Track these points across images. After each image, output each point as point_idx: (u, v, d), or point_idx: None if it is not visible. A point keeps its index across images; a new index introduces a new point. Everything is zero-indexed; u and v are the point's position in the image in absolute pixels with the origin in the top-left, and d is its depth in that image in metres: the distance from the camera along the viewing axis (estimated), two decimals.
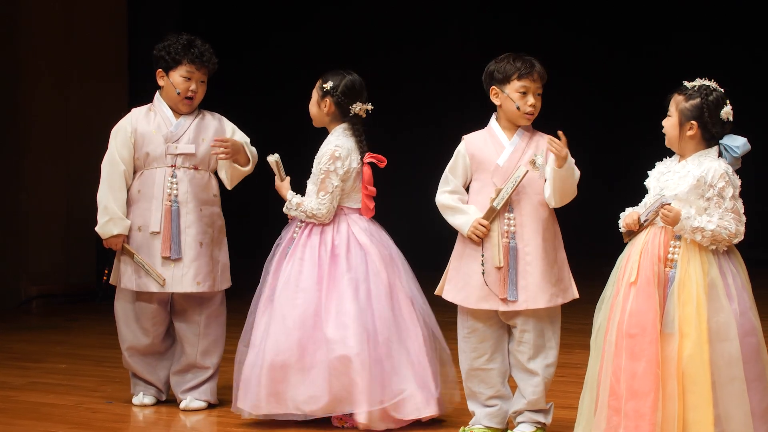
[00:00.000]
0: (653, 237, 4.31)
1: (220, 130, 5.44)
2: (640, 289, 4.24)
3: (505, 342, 4.85)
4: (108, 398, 5.73)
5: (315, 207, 5.07)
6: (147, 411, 5.49)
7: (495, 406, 4.87)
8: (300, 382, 4.96)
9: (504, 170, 4.76)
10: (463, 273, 4.80)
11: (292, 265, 5.06)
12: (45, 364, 6.66)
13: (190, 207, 5.36)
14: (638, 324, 4.21)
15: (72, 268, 9.26)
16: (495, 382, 4.85)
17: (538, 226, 4.74)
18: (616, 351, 4.24)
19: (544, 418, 4.84)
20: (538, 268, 4.71)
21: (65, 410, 5.51)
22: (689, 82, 4.36)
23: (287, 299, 5.02)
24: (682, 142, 4.36)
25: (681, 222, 4.21)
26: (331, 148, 5.09)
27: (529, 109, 4.74)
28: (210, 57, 5.42)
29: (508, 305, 4.72)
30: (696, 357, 4.15)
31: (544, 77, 4.79)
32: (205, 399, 5.48)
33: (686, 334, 4.17)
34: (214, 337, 5.48)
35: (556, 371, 4.83)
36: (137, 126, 5.42)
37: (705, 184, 4.26)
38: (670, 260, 4.26)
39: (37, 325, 8.26)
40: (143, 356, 5.53)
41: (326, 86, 5.14)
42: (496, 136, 4.83)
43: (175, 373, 5.52)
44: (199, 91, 5.42)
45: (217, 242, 5.46)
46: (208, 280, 5.38)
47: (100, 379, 6.17)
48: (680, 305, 4.19)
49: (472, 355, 4.84)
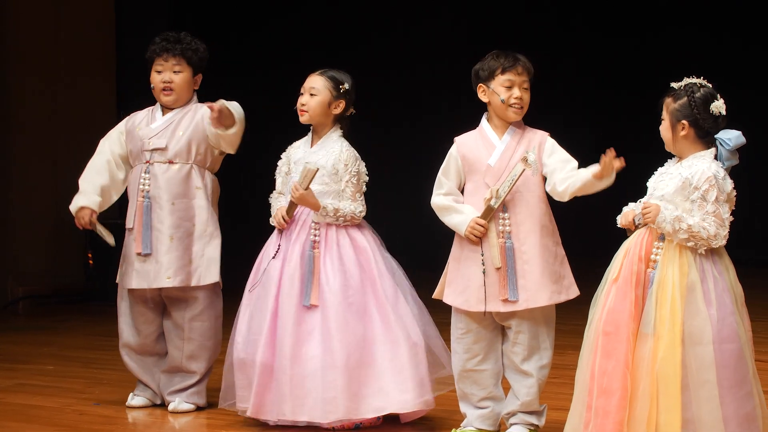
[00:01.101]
0: (639, 237, 4.32)
1: (197, 118, 5.39)
2: (618, 287, 4.26)
3: (499, 343, 4.84)
4: (96, 400, 5.71)
5: (359, 209, 5.11)
6: (136, 413, 5.47)
7: (487, 408, 4.85)
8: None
9: (496, 170, 4.74)
10: (462, 275, 4.78)
11: (334, 269, 5.04)
12: (32, 366, 6.64)
13: (162, 202, 5.35)
14: (613, 322, 4.23)
15: (59, 268, 9.28)
16: (488, 383, 4.84)
17: (534, 224, 4.73)
18: (593, 348, 4.26)
19: (537, 420, 4.83)
20: (536, 266, 4.70)
21: (52, 412, 5.49)
22: (676, 82, 4.36)
23: (343, 306, 5.00)
24: (678, 143, 4.35)
25: (661, 213, 4.21)
26: (350, 152, 5.13)
27: (514, 101, 4.74)
28: (178, 44, 5.41)
29: (508, 306, 4.71)
30: (668, 359, 4.15)
31: (530, 71, 4.79)
32: (193, 402, 5.45)
33: (660, 336, 4.17)
34: (200, 342, 5.44)
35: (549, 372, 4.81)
36: (129, 124, 5.49)
37: (690, 186, 4.25)
38: (653, 261, 4.26)
39: (24, 326, 8.26)
40: (139, 355, 5.53)
41: (345, 87, 5.15)
42: (486, 136, 4.82)
43: (164, 372, 5.51)
44: (176, 80, 5.41)
45: (199, 236, 5.39)
46: (180, 275, 5.33)
47: (88, 381, 6.16)
48: (657, 306, 4.19)
49: (465, 356, 4.83)
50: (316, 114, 5.16)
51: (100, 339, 5.44)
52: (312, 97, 5.15)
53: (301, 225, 5.11)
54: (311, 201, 5.04)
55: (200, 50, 5.48)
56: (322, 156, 5.12)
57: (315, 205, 5.05)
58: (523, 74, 4.76)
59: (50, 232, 9.20)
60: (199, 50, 5.47)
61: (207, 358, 5.46)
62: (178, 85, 5.41)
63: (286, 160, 5.26)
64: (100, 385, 6.04)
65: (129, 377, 5.66)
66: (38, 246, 9.16)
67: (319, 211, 5.04)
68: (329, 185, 5.10)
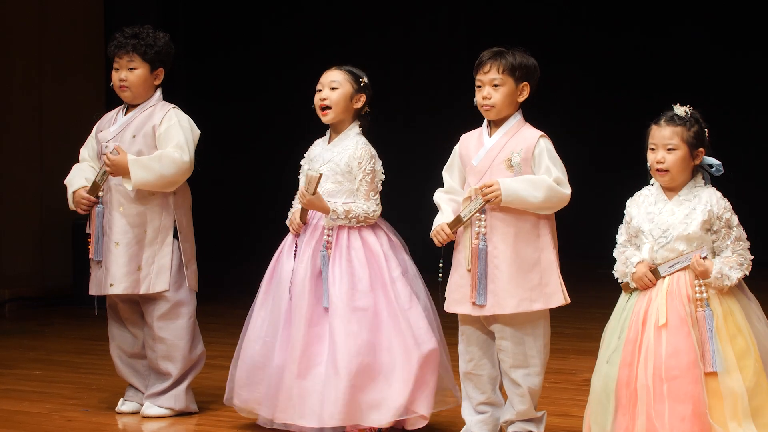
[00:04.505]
0: (677, 279, 4.26)
1: (147, 127, 5.30)
2: (673, 329, 4.19)
3: (494, 347, 4.79)
4: (85, 406, 5.66)
5: (372, 209, 4.99)
6: (126, 419, 5.42)
7: (486, 413, 4.81)
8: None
9: (478, 169, 4.70)
10: (451, 277, 4.78)
11: (341, 272, 4.95)
12: (18, 371, 6.59)
13: (112, 207, 5.30)
14: (678, 365, 4.16)
15: (47, 270, 9.25)
16: (485, 387, 4.80)
17: (510, 229, 4.65)
18: (656, 397, 4.17)
19: (535, 428, 4.77)
20: (505, 272, 4.63)
21: (39, 418, 5.44)
22: (670, 111, 4.30)
23: (352, 308, 4.92)
24: (685, 173, 4.31)
25: (711, 277, 4.22)
26: (365, 149, 5.02)
27: (481, 101, 4.70)
28: (132, 40, 5.32)
29: (476, 309, 4.67)
30: (759, 386, 4.16)
31: (503, 66, 4.67)
32: (167, 406, 5.37)
33: (744, 367, 4.17)
34: (172, 342, 5.35)
35: (549, 377, 4.79)
36: (97, 127, 5.48)
37: (714, 217, 4.24)
38: (699, 300, 4.22)
39: (11, 329, 8.18)
40: (130, 358, 5.47)
41: (364, 80, 5.06)
42: (481, 134, 4.79)
43: (149, 372, 5.45)
44: (131, 78, 5.32)
45: (151, 242, 5.32)
46: (124, 282, 5.28)
47: (76, 386, 6.11)
48: (729, 339, 4.18)
49: (464, 357, 4.81)
50: (340, 108, 5.03)
51: (89, 343, 5.39)
52: (333, 90, 5.02)
53: (314, 226, 5.03)
54: (320, 205, 4.95)
55: (158, 44, 5.36)
56: (337, 153, 5.02)
57: (325, 209, 4.95)
58: (491, 72, 4.67)
59: (37, 233, 9.19)
60: (156, 44, 5.35)
61: (181, 358, 5.36)
62: (133, 83, 5.33)
63: (306, 159, 5.18)
64: (89, 390, 5.99)
65: (118, 382, 5.62)
66: (24, 248, 9.13)
67: (329, 215, 4.95)
68: (342, 184, 5.00)
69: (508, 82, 4.68)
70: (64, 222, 8.59)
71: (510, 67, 4.67)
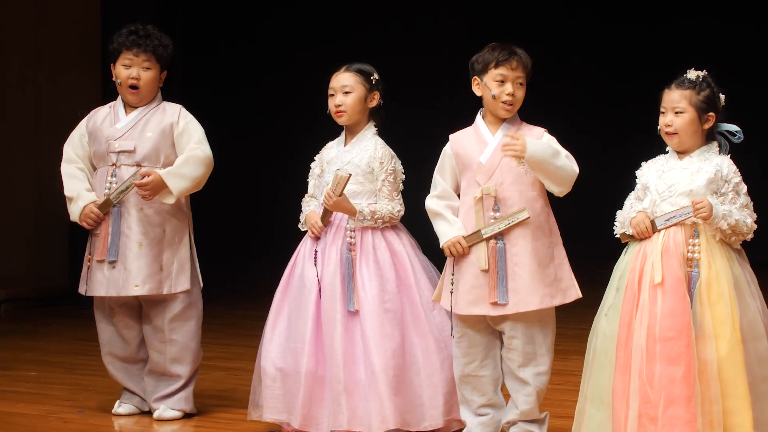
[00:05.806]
0: (673, 236, 4.24)
1: (165, 123, 5.27)
2: (669, 290, 4.17)
3: (497, 348, 4.76)
4: (80, 407, 5.64)
5: (396, 209, 4.97)
6: (122, 421, 5.40)
7: (487, 415, 4.77)
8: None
9: (487, 168, 4.66)
10: (455, 278, 4.70)
11: (370, 274, 4.90)
12: (14, 372, 6.57)
13: (129, 207, 5.24)
14: (673, 326, 4.14)
15: (42, 270, 9.27)
16: (487, 389, 4.76)
17: (526, 225, 4.63)
18: (648, 357, 4.15)
19: (538, 429, 4.75)
20: (527, 268, 4.61)
21: (35, 420, 5.42)
22: (684, 74, 4.31)
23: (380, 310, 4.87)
24: (696, 136, 4.30)
25: (715, 208, 4.15)
26: (385, 149, 4.99)
27: (506, 97, 4.65)
28: (149, 40, 5.29)
29: (498, 309, 4.62)
30: (732, 358, 4.11)
31: (527, 66, 4.69)
32: (180, 408, 5.36)
33: (720, 335, 4.12)
34: (183, 344, 5.34)
35: (551, 379, 4.73)
36: (90, 124, 5.37)
37: (720, 178, 4.23)
38: (690, 259, 4.20)
39: (6, 330, 8.18)
40: (123, 363, 5.45)
41: (375, 77, 5.02)
42: (480, 132, 4.74)
43: (147, 375, 5.42)
44: (144, 78, 5.28)
45: (170, 242, 5.29)
46: (149, 282, 5.24)
47: (72, 388, 6.09)
48: (710, 305, 4.14)
49: (463, 360, 4.76)
50: (355, 112, 5.00)
51: (85, 344, 5.38)
52: (347, 95, 4.99)
53: (336, 228, 4.97)
54: (347, 207, 4.91)
55: (169, 47, 5.36)
56: (356, 155, 4.98)
57: (351, 211, 4.91)
58: (517, 69, 4.66)
59: (32, 232, 9.21)
60: (168, 47, 5.36)
61: (191, 360, 5.37)
62: (146, 83, 5.30)
63: (318, 161, 5.12)
64: (85, 391, 5.97)
65: (115, 384, 5.59)
66: (20, 247, 9.14)
67: (356, 216, 4.90)
68: (364, 185, 4.96)
69: (525, 82, 4.70)
70: (59, 222, 8.56)
71: (530, 69, 4.70)
